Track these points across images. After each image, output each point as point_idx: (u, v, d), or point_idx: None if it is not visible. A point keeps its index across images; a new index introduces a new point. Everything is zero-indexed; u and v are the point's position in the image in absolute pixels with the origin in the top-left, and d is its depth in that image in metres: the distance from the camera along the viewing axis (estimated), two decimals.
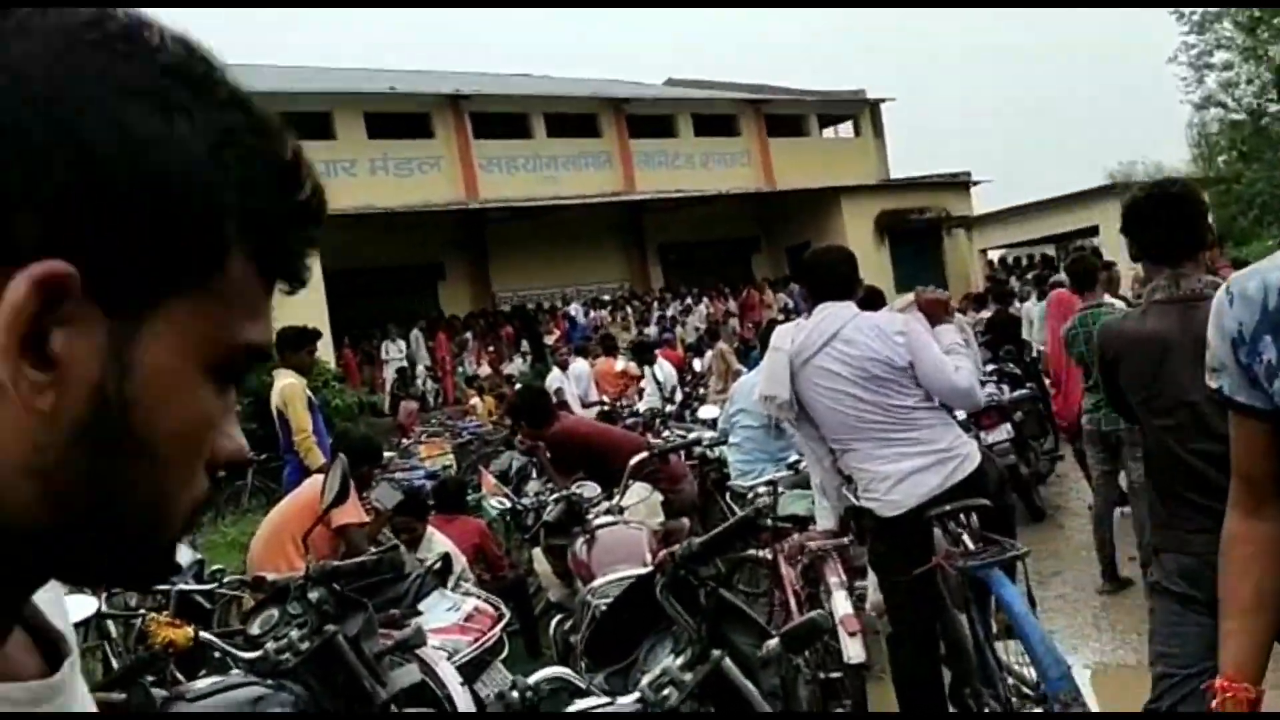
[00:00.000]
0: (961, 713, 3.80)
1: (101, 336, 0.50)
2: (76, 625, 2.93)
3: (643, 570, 3.51)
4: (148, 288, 0.51)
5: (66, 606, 2.16)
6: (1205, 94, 28.90)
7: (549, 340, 20.63)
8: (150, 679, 3.26)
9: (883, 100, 29.01)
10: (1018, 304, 13.19)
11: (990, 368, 8.78)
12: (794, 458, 5.22)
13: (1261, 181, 22.99)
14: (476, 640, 4.17)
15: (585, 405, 12.07)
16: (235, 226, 0.53)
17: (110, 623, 4.97)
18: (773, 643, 2.34)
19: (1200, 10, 27.23)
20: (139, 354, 0.51)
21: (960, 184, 27.43)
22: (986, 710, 3.67)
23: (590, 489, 4.85)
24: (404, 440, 13.09)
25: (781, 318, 16.58)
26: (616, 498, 4.79)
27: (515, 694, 2.27)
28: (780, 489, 4.85)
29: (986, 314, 13.94)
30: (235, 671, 2.84)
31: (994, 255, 28.38)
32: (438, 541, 5.36)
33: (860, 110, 28.98)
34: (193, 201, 0.51)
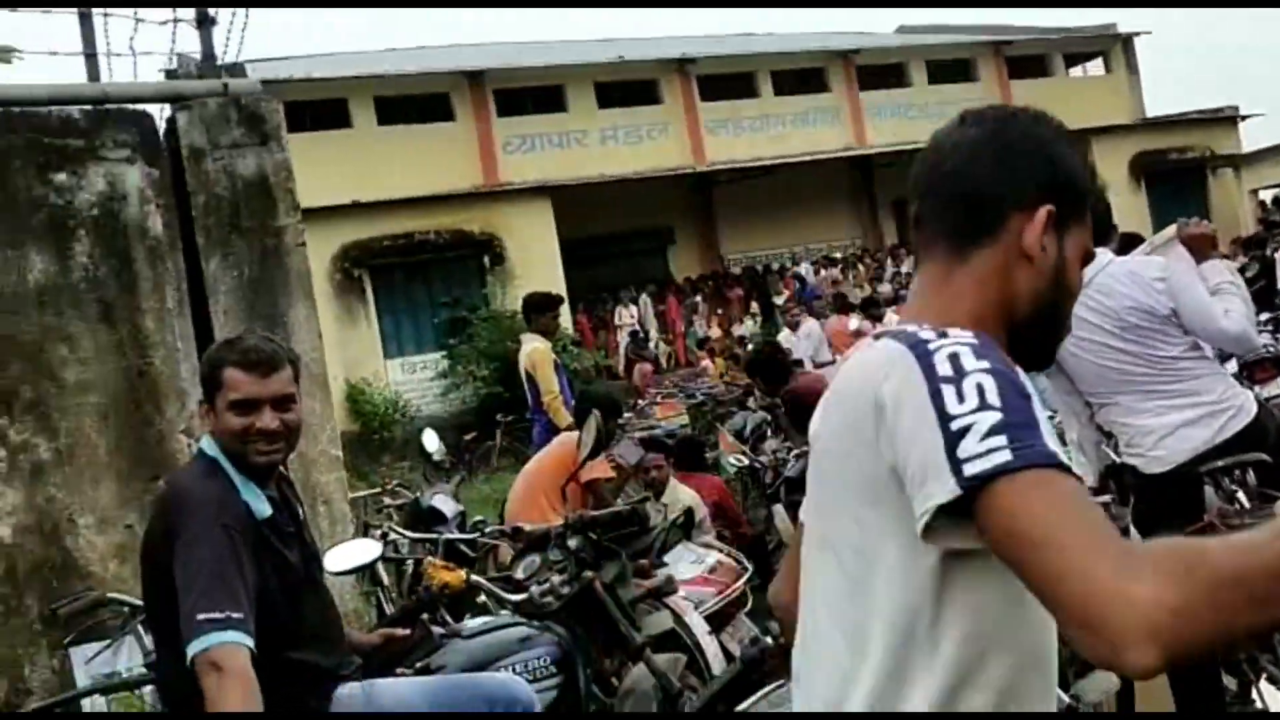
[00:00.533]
0: (1225, 687, 3.55)
1: (1054, 240, 1.21)
2: (360, 568, 3.22)
3: None
4: (1070, 219, 1.22)
5: (354, 549, 2.39)
6: None
7: (778, 301, 20.55)
8: (426, 617, 3.55)
9: (1137, 34, 26.90)
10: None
11: (1265, 316, 8.07)
12: (1045, 413, 5.00)
13: None
14: (721, 592, 4.26)
15: (817, 365, 11.98)
16: (1090, 196, 1.27)
17: (382, 570, 5.39)
18: None
19: None
20: (1065, 249, 1.22)
21: (1227, 119, 25.10)
22: (1266, 677, 3.42)
23: None
24: (639, 401, 13.42)
25: None
26: None
27: (769, 640, 2.32)
28: None
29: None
30: (504, 612, 3.04)
31: (1266, 195, 25.87)
32: (683, 492, 5.48)
33: (1111, 46, 26.98)
34: (1083, 183, 1.26)
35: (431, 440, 5.69)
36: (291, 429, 2.43)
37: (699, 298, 21.65)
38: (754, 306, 21.41)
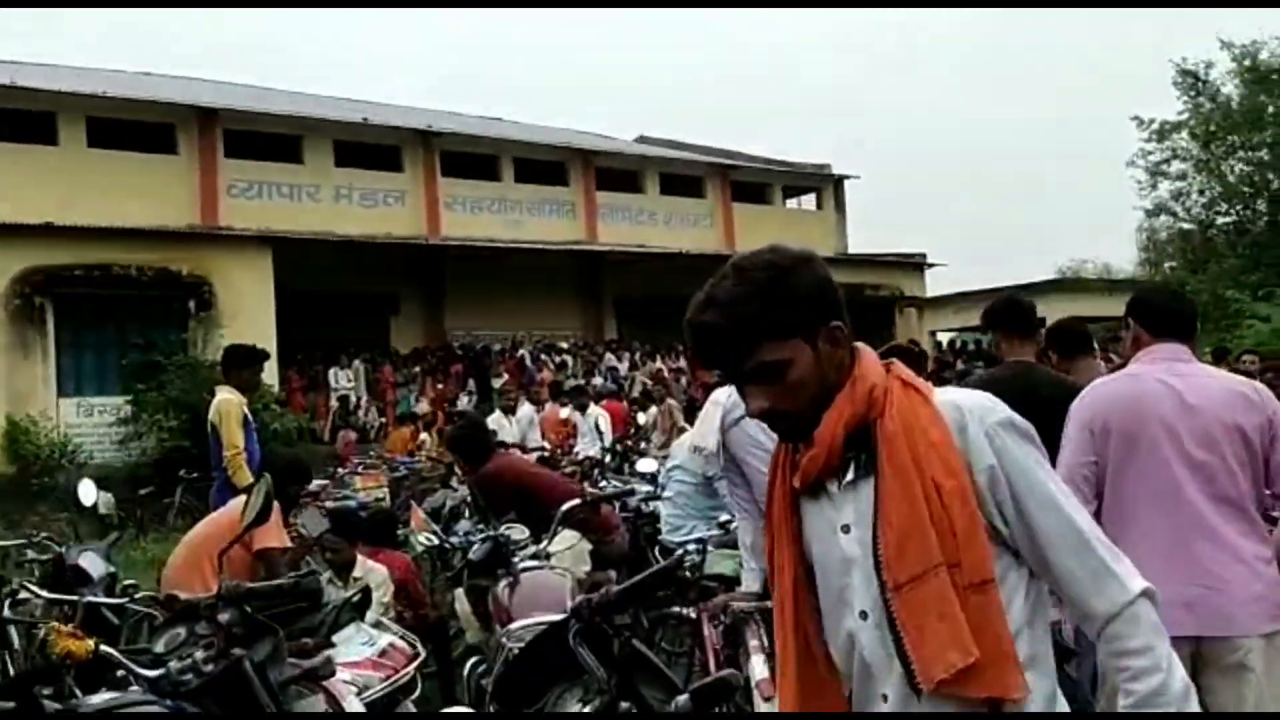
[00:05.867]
0: None
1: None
2: None
3: (559, 616, 3.48)
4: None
5: None
6: (1157, 201, 29.72)
7: (497, 383, 20.52)
8: (48, 691, 3.17)
9: (846, 177, 29.56)
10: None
11: None
12: (725, 516, 5.22)
13: (1205, 291, 23.66)
14: (389, 677, 4.10)
15: (526, 450, 12.01)
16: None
17: (13, 631, 4.81)
18: (682, 699, 2.33)
19: (1159, 121, 28.13)
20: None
21: (915, 265, 27.90)
22: None
23: (518, 531, 4.80)
24: (340, 470, 12.91)
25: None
26: (544, 543, 4.75)
27: None
28: (709, 547, 4.84)
29: None
30: (134, 689, 2.76)
31: (944, 337, 28.82)
32: (375, 569, 5.28)
33: (824, 184, 29.49)
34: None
35: (89, 492, 5.16)
36: None
37: (418, 369, 21.26)
38: (471, 385, 21.27)
